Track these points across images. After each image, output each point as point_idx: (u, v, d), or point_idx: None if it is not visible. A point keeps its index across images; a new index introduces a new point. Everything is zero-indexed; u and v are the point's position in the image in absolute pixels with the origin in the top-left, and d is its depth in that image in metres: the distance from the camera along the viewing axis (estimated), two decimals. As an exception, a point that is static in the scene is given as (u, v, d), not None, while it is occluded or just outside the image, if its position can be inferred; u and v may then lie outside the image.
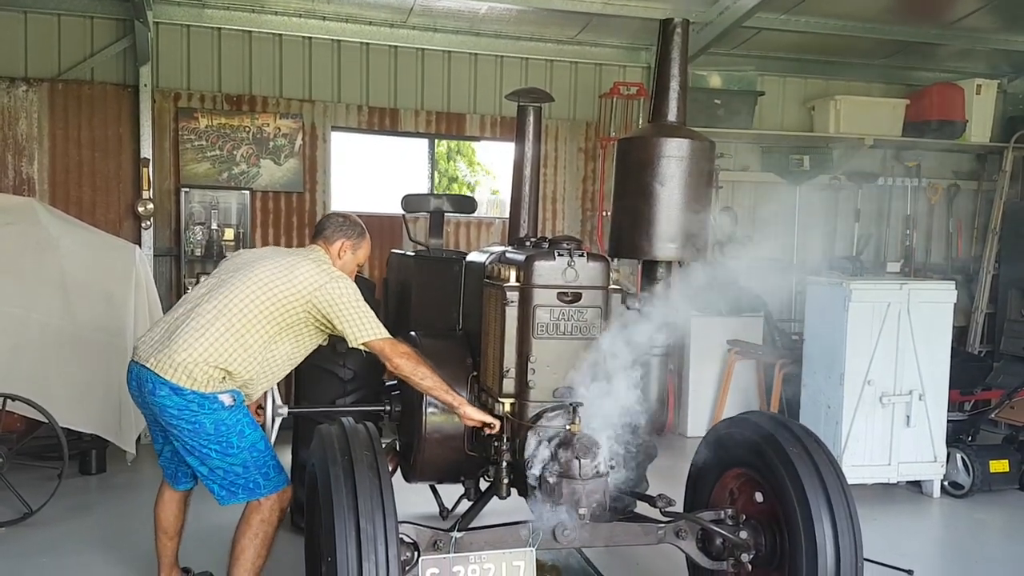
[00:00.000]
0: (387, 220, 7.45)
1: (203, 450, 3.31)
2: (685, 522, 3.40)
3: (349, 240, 3.67)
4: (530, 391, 3.24)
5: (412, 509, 4.51)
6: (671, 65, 3.12)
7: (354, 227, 3.72)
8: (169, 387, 3.23)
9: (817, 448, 3.23)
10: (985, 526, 5.39)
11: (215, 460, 3.33)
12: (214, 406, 3.27)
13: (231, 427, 3.30)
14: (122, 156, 6.90)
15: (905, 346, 5.51)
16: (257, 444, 3.39)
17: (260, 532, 3.42)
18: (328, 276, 3.40)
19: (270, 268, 3.39)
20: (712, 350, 7.34)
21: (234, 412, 3.32)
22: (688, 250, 3.25)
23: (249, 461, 3.36)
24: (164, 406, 3.27)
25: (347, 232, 3.67)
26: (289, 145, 7.22)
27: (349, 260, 3.68)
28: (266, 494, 3.41)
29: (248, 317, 3.31)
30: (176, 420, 3.28)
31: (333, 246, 3.65)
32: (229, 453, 3.32)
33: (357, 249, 3.70)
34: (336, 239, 3.66)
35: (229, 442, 3.31)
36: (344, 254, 3.66)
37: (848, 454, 5.44)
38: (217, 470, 3.35)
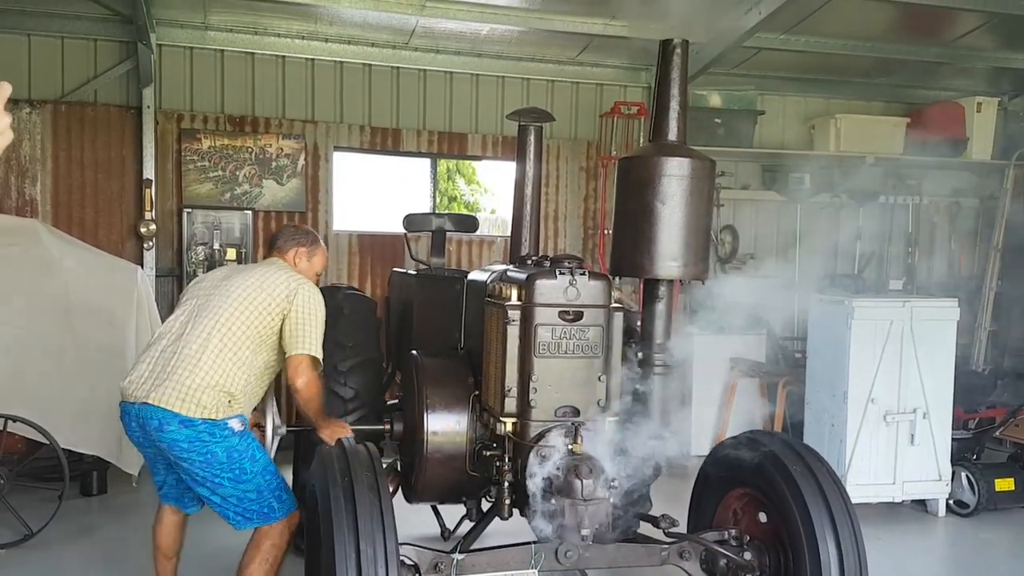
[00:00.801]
0: (389, 239, 7.47)
1: (215, 479, 3.29)
2: (689, 543, 3.38)
3: (303, 247, 3.75)
4: (532, 410, 3.22)
5: (414, 530, 4.50)
6: (671, 85, 3.13)
7: (306, 235, 3.82)
8: (179, 420, 3.21)
9: (820, 467, 3.21)
10: (991, 545, 5.34)
11: (228, 488, 3.31)
12: (224, 433, 3.26)
13: (243, 453, 3.30)
14: (125, 177, 6.92)
15: (908, 364, 5.49)
16: (268, 467, 3.40)
17: (270, 557, 3.41)
18: (299, 282, 3.51)
19: (245, 284, 3.46)
20: (715, 368, 7.31)
21: (244, 438, 3.33)
22: (689, 268, 3.24)
23: (263, 485, 3.35)
24: (174, 440, 3.24)
25: (299, 240, 3.76)
26: (291, 165, 7.24)
27: (306, 268, 3.75)
28: (280, 517, 3.40)
29: (237, 334, 3.34)
30: (187, 454, 3.25)
31: (287, 255, 3.72)
32: (242, 480, 3.31)
33: (312, 256, 3.78)
34: (289, 248, 3.73)
35: (242, 468, 3.30)
36: (299, 261, 3.73)
37: (852, 473, 5.41)
38: (230, 498, 3.34)
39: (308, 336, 3.43)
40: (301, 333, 3.42)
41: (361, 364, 4.45)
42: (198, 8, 6.71)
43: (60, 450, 4.93)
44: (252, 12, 6.78)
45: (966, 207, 8.86)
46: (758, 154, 8.24)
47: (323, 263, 3.89)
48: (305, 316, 3.43)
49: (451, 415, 3.62)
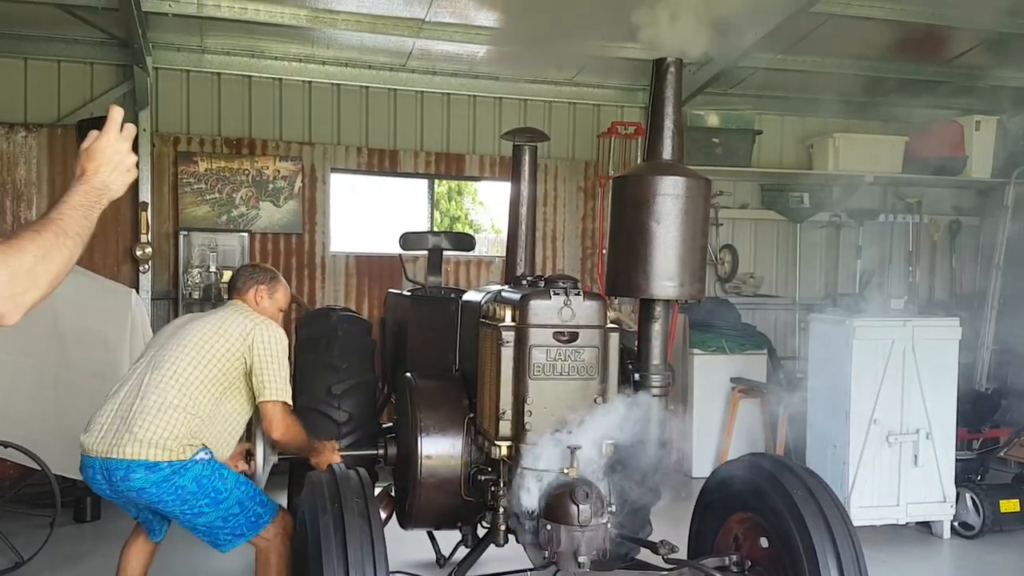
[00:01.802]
0: (386, 261, 7.44)
1: (194, 511, 3.26)
2: (689, 570, 3.30)
3: (263, 285, 3.69)
4: (527, 434, 3.16)
5: (409, 556, 4.43)
6: (665, 103, 3.10)
7: (264, 272, 3.77)
8: (144, 467, 3.18)
9: (822, 491, 3.15)
10: (997, 568, 5.26)
11: (210, 514, 3.28)
12: (188, 465, 3.23)
13: (211, 475, 3.27)
14: (120, 200, 6.79)
15: (911, 384, 5.43)
16: (240, 479, 3.36)
17: (282, 567, 3.39)
18: (255, 323, 3.45)
19: (201, 331, 3.42)
20: (716, 388, 7.26)
21: (209, 463, 3.29)
22: (686, 288, 3.20)
23: (242, 497, 3.32)
24: (142, 488, 3.21)
25: (258, 278, 3.71)
26: (288, 187, 7.23)
27: (268, 305, 3.69)
28: (269, 520, 3.37)
29: (195, 383, 3.30)
30: (158, 496, 3.23)
31: (247, 295, 3.66)
32: (220, 500, 3.27)
33: (274, 292, 3.72)
34: (248, 288, 3.67)
35: (216, 489, 3.26)
36: (261, 300, 3.67)
37: (856, 495, 5.33)
38: (215, 522, 3.30)
39: (273, 380, 3.37)
40: (265, 378, 3.37)
41: (355, 387, 4.39)
42: (195, 31, 6.72)
43: (52, 476, 4.87)
44: (249, 35, 6.79)
45: (967, 225, 8.83)
46: (756, 173, 8.22)
47: (286, 298, 3.83)
48: (266, 359, 3.38)
49: (446, 438, 3.56)
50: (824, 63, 7.36)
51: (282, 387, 3.40)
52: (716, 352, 7.28)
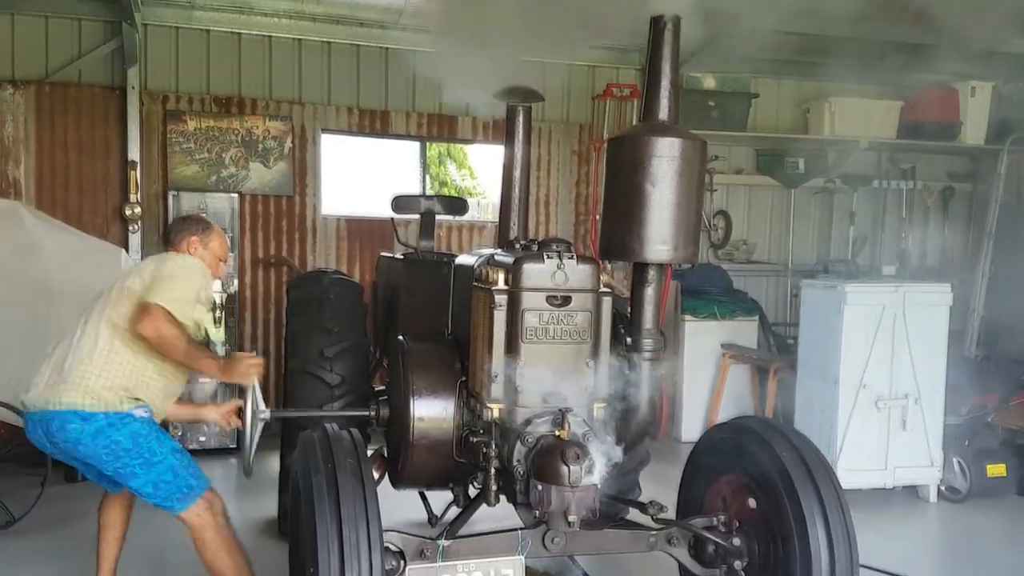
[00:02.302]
0: (377, 224, 7.40)
1: (126, 470, 3.24)
2: (677, 529, 3.34)
3: (194, 236, 3.61)
4: (519, 396, 3.17)
5: (400, 516, 4.46)
6: (662, 62, 3.05)
7: (197, 222, 3.70)
8: (79, 417, 3.17)
9: (811, 453, 3.17)
10: (982, 531, 5.33)
11: (141, 477, 3.25)
12: (126, 420, 3.22)
13: (148, 436, 3.25)
14: (109, 159, 6.83)
15: (900, 349, 5.46)
16: (175, 447, 3.34)
17: (219, 540, 3.35)
18: (163, 259, 3.44)
19: (125, 278, 3.42)
20: (706, 354, 7.29)
21: (147, 423, 3.28)
22: (680, 252, 3.18)
23: (176, 465, 3.29)
24: (78, 440, 3.20)
25: (190, 228, 3.64)
26: (278, 148, 7.16)
27: (204, 255, 3.62)
28: (200, 495, 3.32)
29: (121, 330, 3.28)
30: (93, 450, 3.21)
31: (180, 247, 3.60)
32: (153, 463, 3.25)
33: (207, 242, 3.64)
34: (181, 239, 3.61)
35: (151, 450, 3.24)
36: (195, 250, 3.60)
37: (843, 458, 5.38)
38: (146, 486, 3.27)
39: (160, 288, 3.25)
40: (155, 286, 3.27)
41: (347, 350, 4.39)
42: (184, -13, 6.61)
43: (43, 435, 4.86)
44: (239, -10, 6.68)
45: (960, 192, 8.83)
46: (752, 138, 8.17)
47: (223, 247, 3.72)
48: (163, 274, 3.32)
49: (438, 401, 3.57)
50: (822, 25, 7.27)
51: (168, 297, 3.24)
52: (707, 318, 7.29)
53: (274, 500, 4.82)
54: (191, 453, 6.55)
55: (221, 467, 6.35)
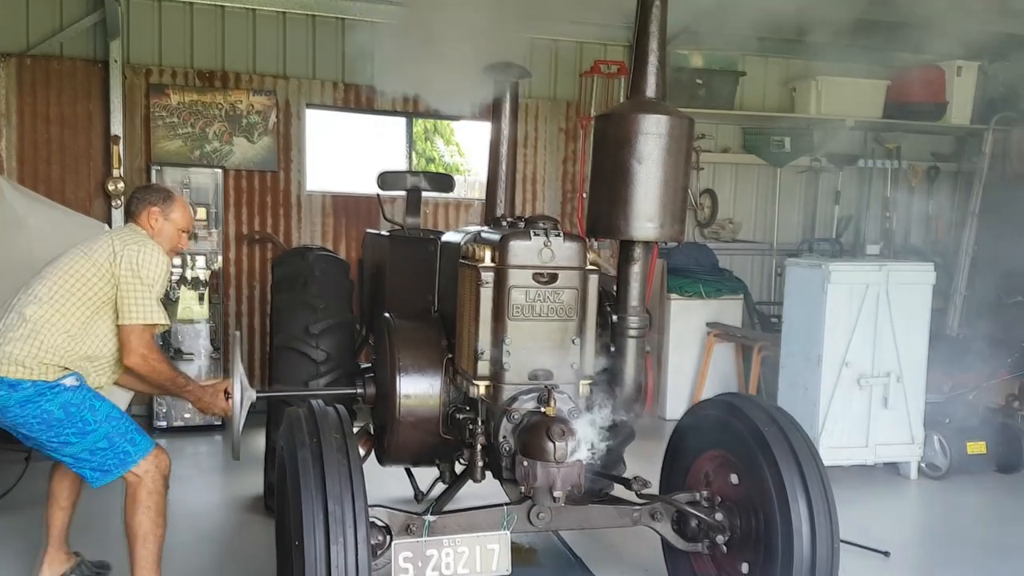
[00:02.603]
0: (363, 200, 7.37)
1: (60, 439, 3.24)
2: (661, 504, 3.38)
3: (154, 207, 3.54)
4: (505, 373, 3.18)
5: (387, 492, 4.48)
6: (649, 38, 3.04)
7: (157, 192, 3.62)
8: (6, 384, 3.17)
9: (793, 429, 3.21)
10: (962, 508, 5.41)
11: (76, 445, 3.24)
12: (56, 390, 3.21)
13: (80, 404, 3.24)
14: (92, 133, 6.76)
15: (883, 328, 5.50)
16: (112, 413, 3.31)
17: (151, 504, 3.34)
18: (125, 243, 3.35)
19: (74, 252, 3.37)
20: (691, 332, 7.32)
21: (79, 391, 3.26)
22: (666, 230, 3.19)
23: (111, 432, 3.27)
24: (5, 407, 3.19)
25: (150, 199, 3.56)
26: (263, 123, 7.10)
27: (164, 226, 3.55)
28: (138, 459, 3.30)
29: (60, 300, 3.27)
30: (23, 418, 3.21)
31: (141, 218, 3.54)
32: (87, 432, 3.24)
33: (169, 212, 3.56)
34: (141, 210, 3.55)
35: (84, 420, 3.23)
36: (155, 222, 3.54)
37: (825, 436, 5.44)
38: (82, 454, 3.27)
39: (132, 303, 3.27)
40: (126, 300, 3.27)
41: (333, 327, 4.39)
42: (166, -41, 6.51)
43: (26, 411, 4.83)
44: (222, -37, 6.59)
45: (944, 171, 8.86)
46: (739, 116, 8.16)
47: (185, 218, 3.63)
48: (132, 281, 3.28)
49: (424, 378, 3.58)
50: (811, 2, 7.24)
51: (143, 309, 3.28)
52: (693, 297, 7.32)
53: (260, 477, 4.84)
54: (176, 431, 6.61)
55: (207, 444, 6.36)
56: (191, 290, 6.54)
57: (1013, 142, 8.31)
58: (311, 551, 2.59)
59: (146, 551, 3.34)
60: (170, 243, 3.57)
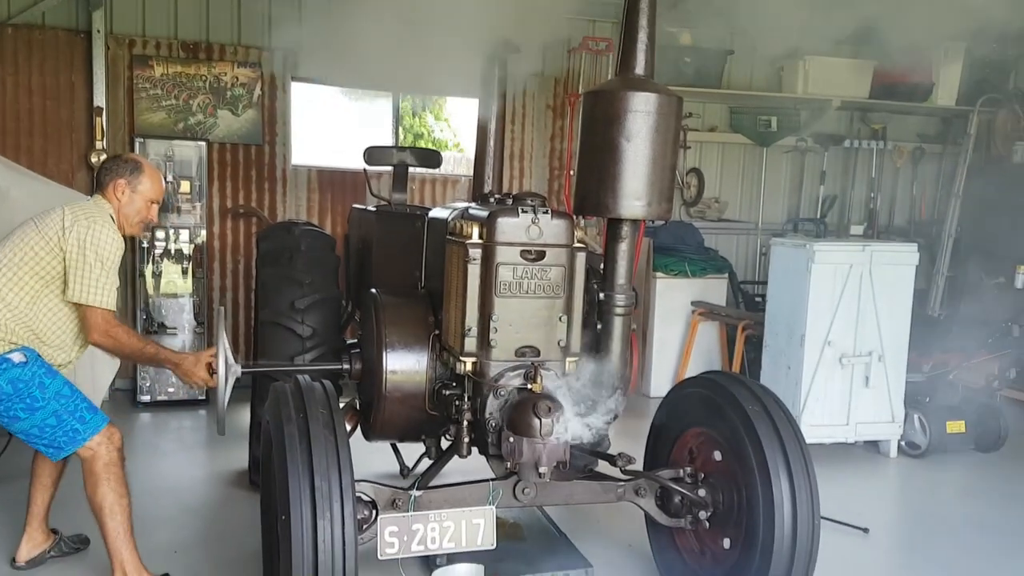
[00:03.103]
0: (350, 175, 7.32)
1: (10, 414, 3.23)
2: (644, 480, 3.42)
3: (121, 179, 3.46)
4: (492, 350, 3.19)
5: (372, 468, 4.50)
6: (639, 15, 3.03)
7: (125, 163, 3.52)
8: None
9: (775, 407, 3.24)
10: (941, 486, 5.49)
11: (24, 421, 3.24)
12: (3, 366, 3.20)
13: (29, 381, 3.22)
14: (75, 104, 6.66)
15: (866, 307, 5.55)
16: (61, 391, 3.29)
17: (109, 475, 3.34)
18: (75, 218, 3.27)
19: (26, 225, 3.32)
20: (676, 311, 7.35)
21: (28, 367, 3.24)
22: (653, 208, 3.20)
23: (60, 409, 3.27)
24: None
25: (118, 170, 3.48)
26: (247, 95, 7.03)
27: (132, 198, 3.48)
28: (88, 437, 3.30)
29: (7, 274, 3.24)
30: None
31: (108, 189, 3.47)
32: (36, 408, 3.23)
33: (136, 184, 3.48)
34: (108, 182, 3.48)
35: (32, 396, 3.22)
36: (122, 194, 3.46)
37: (807, 414, 5.49)
38: (32, 430, 3.27)
39: (79, 280, 3.23)
40: (73, 277, 3.24)
41: (319, 302, 4.38)
42: (149, -74, 6.40)
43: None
44: (207, -69, 6.49)
45: (929, 153, 8.90)
46: (726, 95, 8.16)
47: (154, 189, 3.53)
48: (78, 258, 3.23)
49: (411, 354, 3.58)
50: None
51: (92, 289, 3.24)
52: (678, 276, 7.35)
53: (244, 451, 4.84)
54: (159, 405, 6.59)
55: (191, 419, 6.35)
56: (174, 263, 6.50)
57: (998, 124, 8.35)
58: (297, 526, 2.60)
59: (115, 522, 3.36)
60: (138, 215, 3.51)
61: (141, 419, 6.30)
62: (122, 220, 3.47)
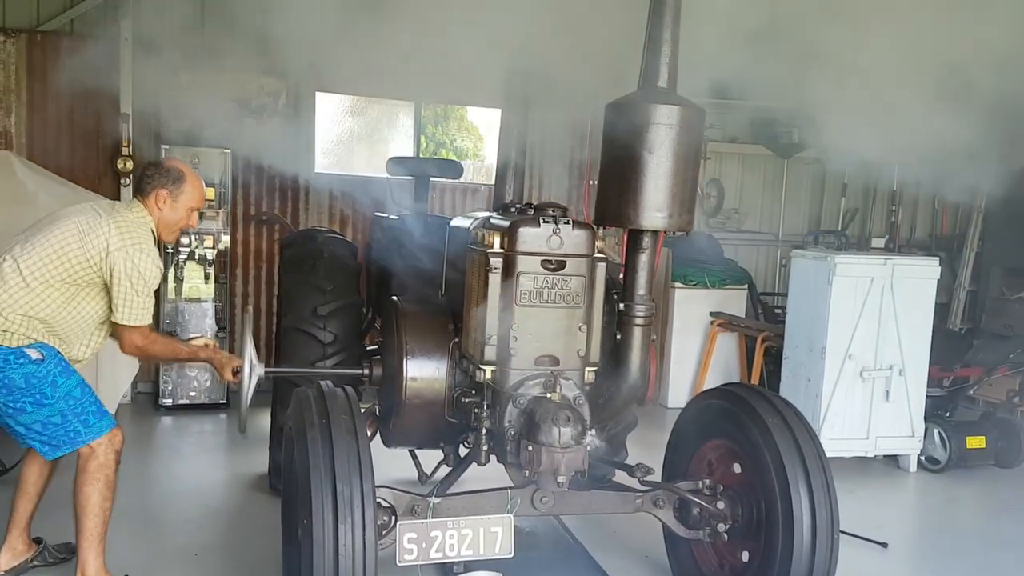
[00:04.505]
0: (371, 183, 7.36)
1: (17, 405, 3.28)
2: (663, 491, 3.42)
3: (164, 188, 3.49)
4: (512, 359, 3.21)
5: (391, 474, 4.51)
6: (663, 27, 3.04)
7: (168, 173, 3.53)
8: None
9: (796, 420, 3.24)
10: (960, 501, 5.44)
11: (31, 415, 3.30)
12: (20, 360, 3.25)
13: (43, 379, 3.28)
14: (102, 111, 6.76)
15: (887, 321, 5.53)
16: (72, 392, 3.34)
17: (100, 476, 3.39)
18: (122, 242, 3.32)
19: (69, 228, 3.33)
20: (695, 322, 7.34)
21: (44, 365, 3.30)
22: (675, 220, 3.20)
23: (66, 410, 3.32)
24: None
25: (161, 180, 3.50)
26: (273, 104, 7.10)
27: (173, 207, 3.51)
28: (88, 441, 3.36)
29: (41, 277, 3.27)
30: None
31: (149, 199, 3.49)
32: (44, 404, 3.29)
33: (178, 195, 3.51)
34: (150, 191, 3.50)
35: (43, 392, 3.28)
36: (164, 203, 3.50)
37: (827, 427, 5.47)
38: (34, 425, 3.32)
39: (125, 304, 3.32)
40: (119, 301, 3.32)
41: (341, 309, 4.42)
42: (178, -64, 6.50)
43: (35, 387, 4.87)
44: (234, -59, 6.56)
45: (951, 167, 8.83)
46: (747, 106, 8.15)
47: (195, 197, 3.57)
48: (125, 284, 3.30)
49: (431, 361, 3.61)
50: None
51: (134, 312, 3.33)
52: (697, 286, 7.34)
53: (265, 455, 4.88)
54: (181, 408, 6.64)
55: (212, 422, 6.40)
56: (197, 268, 6.57)
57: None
58: (319, 530, 2.63)
59: (91, 523, 3.41)
60: (177, 224, 3.56)
61: (163, 422, 6.36)
62: (161, 228, 3.52)
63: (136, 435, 3.81)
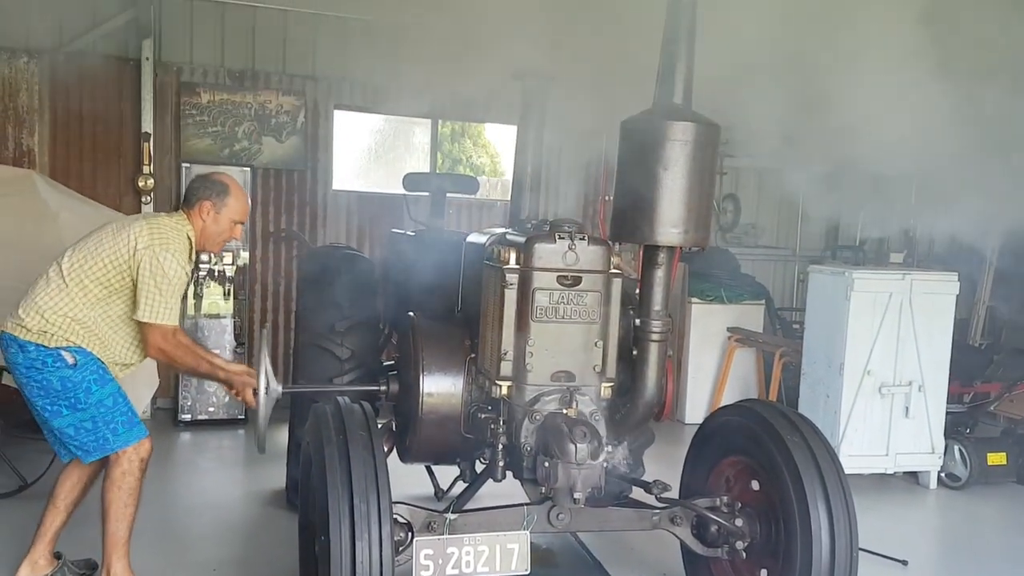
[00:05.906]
0: (389, 200, 7.41)
1: (53, 407, 3.38)
2: (680, 508, 3.40)
3: (208, 200, 3.54)
4: (528, 374, 3.22)
5: (407, 490, 4.52)
6: (678, 43, 3.06)
7: (214, 185, 3.59)
8: (17, 343, 3.36)
9: (815, 437, 3.22)
10: (981, 518, 5.38)
11: (66, 417, 3.39)
12: (57, 364, 3.34)
13: (77, 384, 3.37)
14: (123, 130, 6.86)
15: (906, 337, 5.49)
16: (104, 401, 3.41)
17: (123, 484, 3.45)
18: (150, 241, 3.37)
19: (106, 229, 3.46)
20: (712, 337, 7.32)
21: (78, 371, 3.37)
22: (691, 235, 3.21)
23: (97, 417, 3.40)
24: (15, 364, 3.40)
25: (206, 192, 3.56)
26: (291, 122, 7.18)
27: (217, 219, 3.56)
28: (115, 449, 3.44)
29: (78, 278, 3.37)
30: (26, 378, 3.38)
31: (194, 210, 3.56)
32: (78, 408, 3.38)
33: (221, 207, 3.55)
34: (195, 202, 3.56)
35: (76, 398, 3.37)
36: (207, 215, 3.55)
37: (846, 444, 5.42)
38: (67, 428, 3.41)
39: (147, 302, 3.35)
40: (142, 298, 3.36)
41: (358, 325, 4.43)
42: (199, -42, 6.60)
43: (56, 402, 4.92)
44: (255, -38, 6.67)
45: (970, 181, 8.78)
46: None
47: (239, 210, 3.62)
48: (149, 282, 3.35)
49: (447, 377, 3.62)
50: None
51: (155, 310, 3.35)
52: (714, 302, 7.33)
53: (282, 471, 4.89)
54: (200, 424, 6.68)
55: (230, 438, 6.44)
56: (217, 285, 6.63)
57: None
58: (336, 546, 2.64)
59: (112, 527, 3.50)
60: (221, 236, 3.62)
61: (182, 438, 6.40)
62: (203, 240, 3.58)
63: (155, 450, 3.81)
